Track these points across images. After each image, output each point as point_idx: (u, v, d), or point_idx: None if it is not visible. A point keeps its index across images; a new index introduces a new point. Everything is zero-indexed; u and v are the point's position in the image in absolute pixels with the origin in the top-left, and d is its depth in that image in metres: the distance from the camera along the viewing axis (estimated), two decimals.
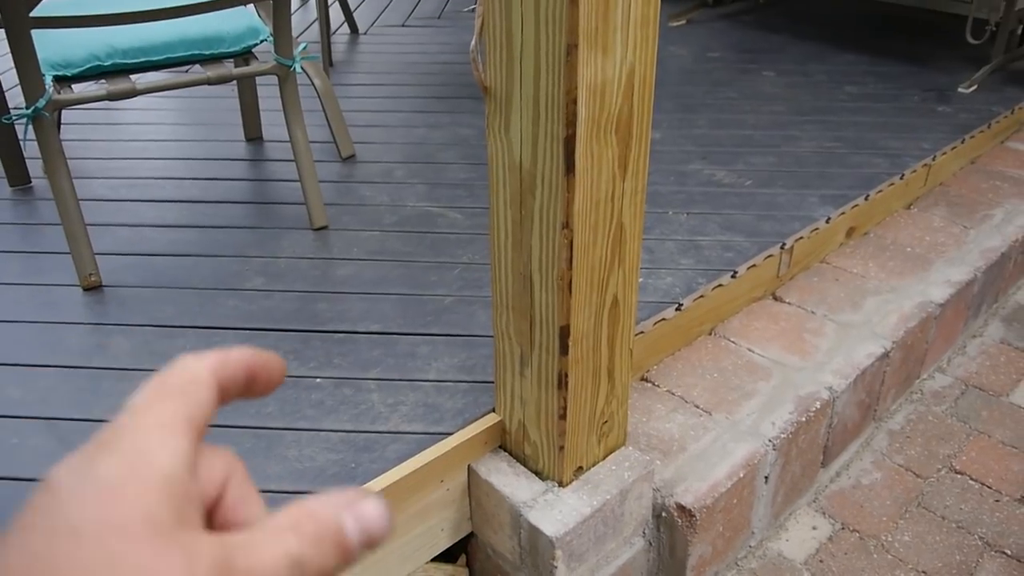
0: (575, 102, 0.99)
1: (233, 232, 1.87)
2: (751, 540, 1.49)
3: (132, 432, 0.26)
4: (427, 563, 1.33)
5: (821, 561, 1.49)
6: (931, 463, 1.71)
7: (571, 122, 1.00)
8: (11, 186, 2.07)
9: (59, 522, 0.23)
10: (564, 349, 1.13)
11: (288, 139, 1.89)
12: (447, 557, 1.41)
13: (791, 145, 2.32)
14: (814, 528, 1.56)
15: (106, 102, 1.75)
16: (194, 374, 0.29)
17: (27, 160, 2.08)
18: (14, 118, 1.73)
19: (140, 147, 2.32)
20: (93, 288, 1.67)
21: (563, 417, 1.18)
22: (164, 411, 0.27)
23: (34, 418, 1.33)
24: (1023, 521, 1.57)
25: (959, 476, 1.68)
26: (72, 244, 1.66)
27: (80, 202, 1.66)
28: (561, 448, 1.21)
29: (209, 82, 1.78)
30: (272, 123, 2.34)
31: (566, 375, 1.15)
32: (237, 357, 0.31)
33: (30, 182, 2.08)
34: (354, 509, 0.28)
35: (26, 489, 1.18)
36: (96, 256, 1.68)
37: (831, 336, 1.68)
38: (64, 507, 0.24)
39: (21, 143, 2.04)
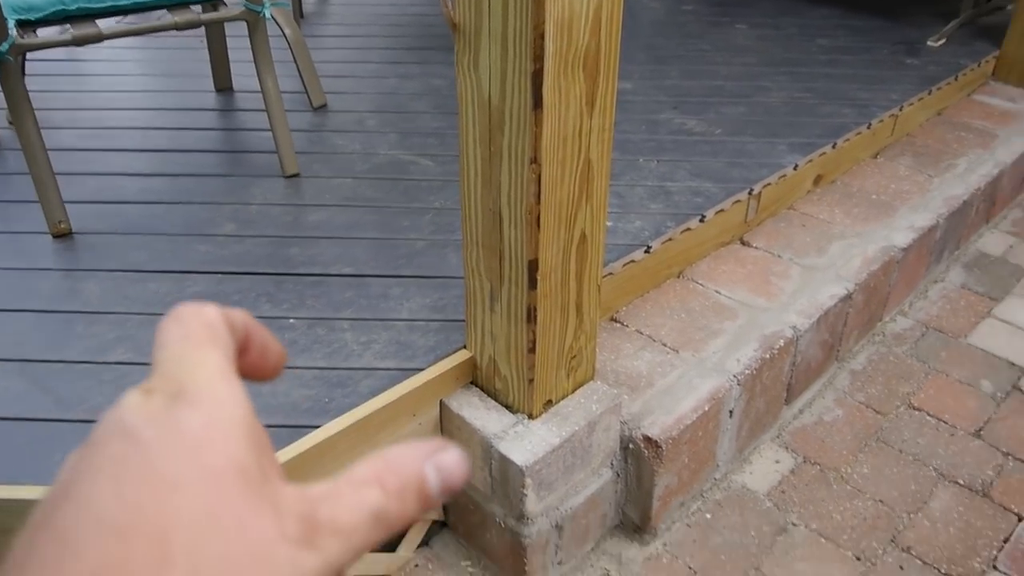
0: (543, 37, 1.00)
1: (204, 180, 1.87)
2: (716, 473, 1.54)
3: (200, 383, 0.26)
4: None
5: (783, 492, 1.54)
6: (891, 400, 1.76)
7: (539, 57, 1.01)
8: None
9: (153, 474, 0.23)
10: (533, 283, 1.15)
11: (259, 89, 1.88)
12: None
13: (762, 95, 2.34)
14: (777, 462, 1.61)
15: (72, 52, 1.73)
16: (210, 320, 0.28)
17: None
18: None
19: (108, 98, 2.29)
20: (63, 235, 1.66)
21: (532, 351, 1.21)
22: (216, 359, 0.27)
23: (7, 360, 1.34)
24: (976, 453, 1.64)
25: (917, 412, 1.73)
26: (40, 191, 1.65)
27: (48, 152, 1.65)
28: (531, 381, 1.24)
29: (177, 27, 1.76)
30: (242, 74, 2.32)
31: (535, 309, 1.17)
32: (238, 314, 0.30)
33: None
34: (435, 460, 0.28)
35: (2, 429, 1.19)
36: (65, 204, 1.67)
37: (796, 279, 1.72)
38: (155, 459, 0.23)
39: None
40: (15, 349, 1.36)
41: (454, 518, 1.44)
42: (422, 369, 1.30)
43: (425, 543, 1.44)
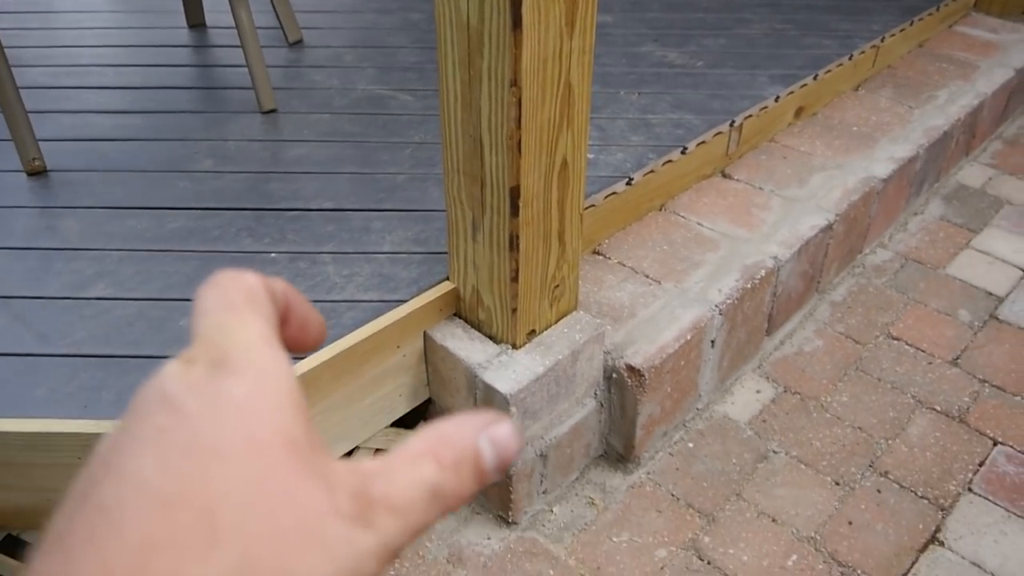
0: None
1: (180, 117, 1.84)
2: (698, 403, 1.56)
3: (243, 350, 0.24)
4: (387, 428, 1.37)
5: (764, 421, 1.57)
6: (870, 331, 1.78)
7: None
8: None
9: (197, 445, 0.22)
10: (515, 211, 1.15)
11: (232, 24, 1.84)
12: (408, 427, 1.45)
13: (743, 27, 2.32)
14: (758, 391, 1.63)
15: None
16: (251, 286, 0.27)
17: None
18: None
19: (78, 35, 2.24)
20: (38, 173, 1.64)
21: (515, 280, 1.21)
22: (259, 326, 0.26)
23: None
24: (953, 381, 1.67)
25: (896, 342, 1.76)
26: (13, 129, 1.61)
27: (20, 90, 1.61)
28: (514, 311, 1.24)
29: None
30: (215, 9, 2.27)
31: (517, 237, 1.17)
32: (279, 283, 0.29)
33: None
34: (488, 433, 0.27)
35: None
36: (40, 142, 1.64)
37: (777, 210, 1.73)
38: (199, 429, 0.22)
39: None
40: None
41: None
42: (405, 301, 1.30)
43: None
